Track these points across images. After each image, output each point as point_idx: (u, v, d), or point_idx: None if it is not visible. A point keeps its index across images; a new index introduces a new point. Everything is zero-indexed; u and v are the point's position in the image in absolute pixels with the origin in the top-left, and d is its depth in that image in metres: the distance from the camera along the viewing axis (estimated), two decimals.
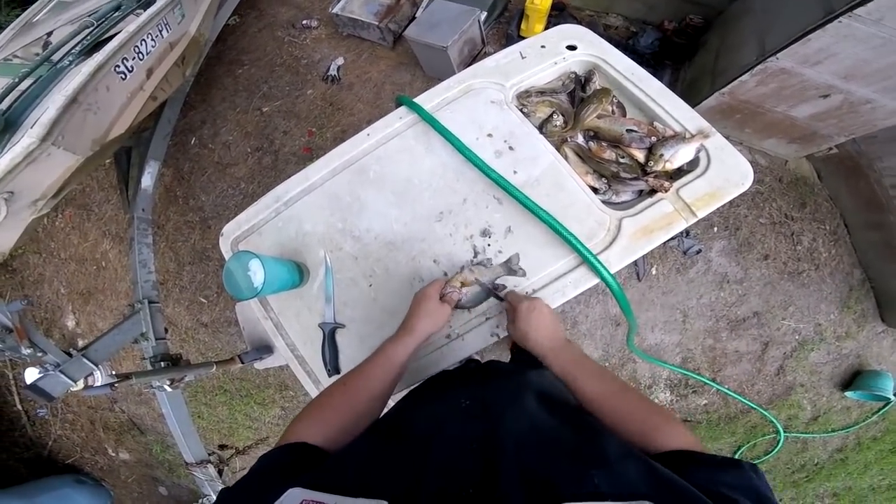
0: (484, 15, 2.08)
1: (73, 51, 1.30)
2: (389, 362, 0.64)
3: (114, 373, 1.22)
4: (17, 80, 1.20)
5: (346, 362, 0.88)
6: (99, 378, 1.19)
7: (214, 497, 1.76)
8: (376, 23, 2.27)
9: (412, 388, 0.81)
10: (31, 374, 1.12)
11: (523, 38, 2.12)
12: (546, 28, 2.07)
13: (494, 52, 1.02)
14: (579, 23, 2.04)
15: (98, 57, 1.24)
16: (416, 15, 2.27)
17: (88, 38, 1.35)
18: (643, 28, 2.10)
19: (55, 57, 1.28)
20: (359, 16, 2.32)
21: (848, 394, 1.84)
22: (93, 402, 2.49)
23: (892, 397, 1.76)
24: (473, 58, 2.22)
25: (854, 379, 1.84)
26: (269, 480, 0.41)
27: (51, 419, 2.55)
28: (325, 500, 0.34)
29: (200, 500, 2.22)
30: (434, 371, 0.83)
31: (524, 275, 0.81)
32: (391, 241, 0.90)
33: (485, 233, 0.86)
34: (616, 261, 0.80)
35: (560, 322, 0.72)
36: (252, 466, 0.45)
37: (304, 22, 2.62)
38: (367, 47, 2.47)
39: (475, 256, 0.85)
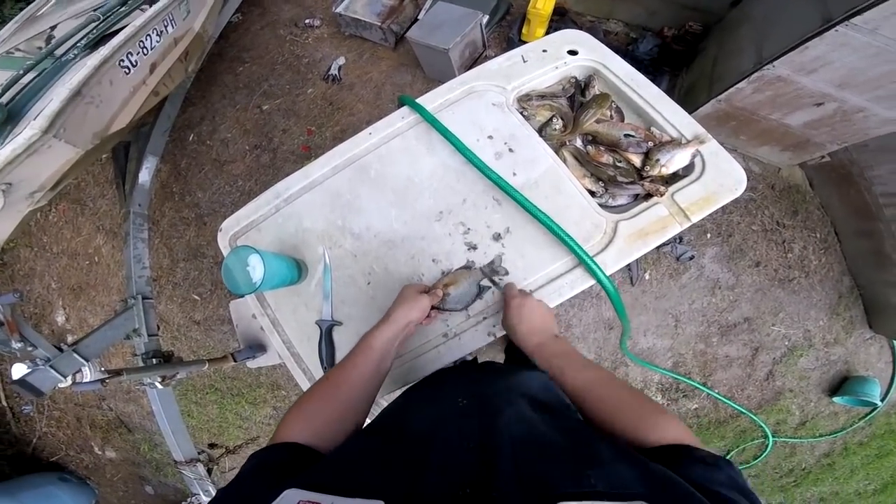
0: (486, 18, 2.09)
1: (78, 44, 1.29)
2: (369, 349, 0.64)
3: (103, 369, 1.21)
4: (21, 72, 1.19)
5: None
6: (88, 374, 1.18)
7: (203, 496, 1.74)
8: (379, 23, 2.28)
9: (407, 387, 0.82)
10: (17, 370, 1.11)
11: (524, 41, 2.14)
12: (547, 33, 2.09)
13: (495, 56, 1.03)
14: (580, 28, 2.06)
15: (104, 51, 1.24)
16: (419, 16, 2.29)
17: (94, 31, 1.35)
18: (643, 34, 2.13)
19: (59, 51, 1.28)
20: (361, 16, 2.32)
21: (835, 399, 1.86)
22: (80, 399, 2.46)
23: (879, 403, 1.78)
24: (474, 60, 2.24)
25: (842, 384, 1.86)
26: (264, 480, 0.41)
27: (36, 416, 2.51)
28: (322, 501, 0.34)
29: (189, 499, 2.20)
30: (431, 370, 0.83)
31: (506, 273, 0.83)
32: (390, 240, 0.90)
33: (490, 235, 0.87)
34: (612, 263, 0.81)
35: (551, 318, 0.72)
36: (243, 466, 0.45)
37: (307, 21, 2.63)
38: (368, 48, 2.48)
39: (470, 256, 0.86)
